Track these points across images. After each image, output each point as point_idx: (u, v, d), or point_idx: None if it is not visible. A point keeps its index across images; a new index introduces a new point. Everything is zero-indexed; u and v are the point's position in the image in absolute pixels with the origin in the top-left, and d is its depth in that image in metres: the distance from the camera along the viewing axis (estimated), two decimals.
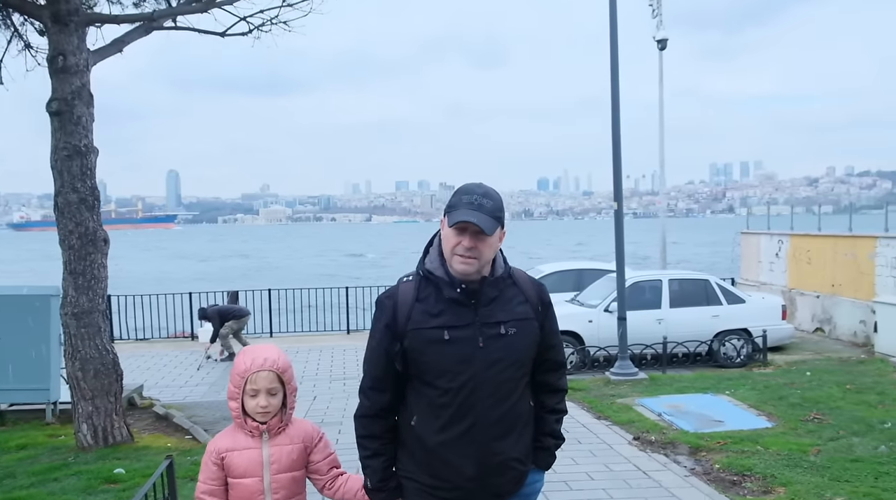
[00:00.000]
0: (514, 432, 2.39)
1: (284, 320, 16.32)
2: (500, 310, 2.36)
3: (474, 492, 2.37)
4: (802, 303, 13.94)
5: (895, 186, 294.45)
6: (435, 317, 2.32)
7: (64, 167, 6.97)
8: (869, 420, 6.99)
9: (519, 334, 2.36)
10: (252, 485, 2.58)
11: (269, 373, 2.57)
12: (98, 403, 7.04)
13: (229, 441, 2.63)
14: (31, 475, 6.24)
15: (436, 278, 2.36)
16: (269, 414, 2.60)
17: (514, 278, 2.44)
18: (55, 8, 6.89)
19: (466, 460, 2.33)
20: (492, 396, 2.33)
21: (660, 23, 16.27)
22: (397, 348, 2.36)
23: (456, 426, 2.33)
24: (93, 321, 7.08)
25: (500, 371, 2.33)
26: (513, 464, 2.39)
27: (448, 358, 2.31)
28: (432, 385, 2.34)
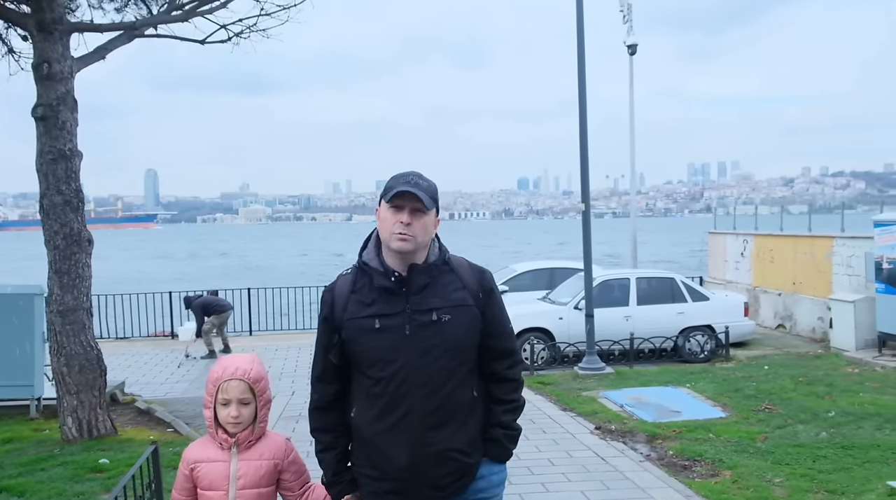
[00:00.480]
0: (451, 422, 2.35)
1: (264, 318, 16.58)
2: (433, 297, 2.34)
3: (411, 483, 2.35)
4: (765, 300, 14.48)
5: (868, 187, 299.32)
6: (368, 306, 2.35)
7: (49, 170, 7.22)
8: (815, 410, 7.45)
9: (454, 320, 2.33)
10: (216, 498, 2.54)
11: (241, 382, 2.54)
12: (83, 397, 7.30)
13: (200, 452, 2.62)
14: (19, 465, 6.49)
15: (370, 268, 2.38)
16: (241, 425, 2.56)
17: (451, 265, 2.43)
18: (40, 17, 7.14)
19: (400, 450, 2.32)
20: (425, 385, 2.31)
21: (630, 28, 16.74)
22: (335, 340, 2.39)
23: (389, 415, 2.33)
24: (77, 319, 7.34)
25: (433, 359, 2.31)
26: (452, 455, 2.35)
27: (378, 347, 2.32)
28: (366, 375, 2.36)
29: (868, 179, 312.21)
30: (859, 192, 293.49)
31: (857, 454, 5.86)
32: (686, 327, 11.99)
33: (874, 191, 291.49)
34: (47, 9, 7.13)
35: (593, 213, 11.01)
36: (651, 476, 5.78)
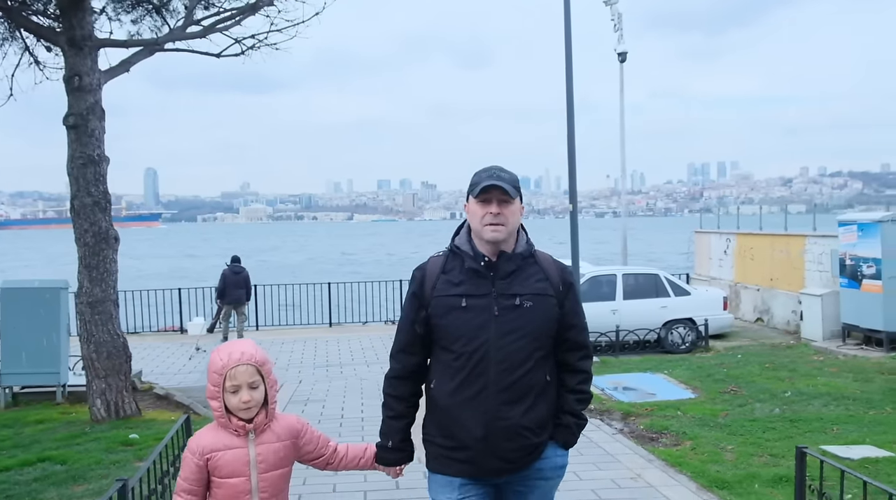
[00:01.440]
0: (524, 401, 2.48)
1: (270, 314, 17.29)
2: (517, 284, 2.51)
3: (483, 454, 2.48)
4: (746, 296, 15.23)
5: (865, 186, 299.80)
6: (456, 286, 2.53)
7: (79, 174, 7.96)
8: (774, 391, 8.21)
9: (534, 307, 2.49)
10: (239, 485, 2.53)
11: (248, 367, 2.52)
12: (110, 381, 8.04)
13: (214, 441, 2.55)
14: (55, 441, 7.23)
15: (462, 252, 2.57)
16: (253, 410, 2.54)
17: (537, 258, 2.60)
18: (71, 34, 7.88)
19: (475, 421, 2.46)
20: (503, 363, 2.46)
21: (621, 37, 17.47)
22: (422, 315, 2.56)
23: (468, 388, 2.47)
24: (105, 309, 8.08)
25: (513, 341, 2.47)
26: (522, 432, 2.48)
27: (464, 324, 2.48)
28: (449, 350, 2.51)
29: (865, 179, 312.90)
30: (857, 192, 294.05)
31: (801, 426, 6.61)
32: (669, 320, 12.74)
33: (871, 191, 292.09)
34: (77, 26, 7.88)
35: (594, 212, 11.88)
36: (621, 446, 6.52)
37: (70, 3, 7.71)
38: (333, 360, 12.27)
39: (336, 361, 12.14)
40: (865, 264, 10.85)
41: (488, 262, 2.51)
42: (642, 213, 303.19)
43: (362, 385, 9.59)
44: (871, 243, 10.68)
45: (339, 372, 10.90)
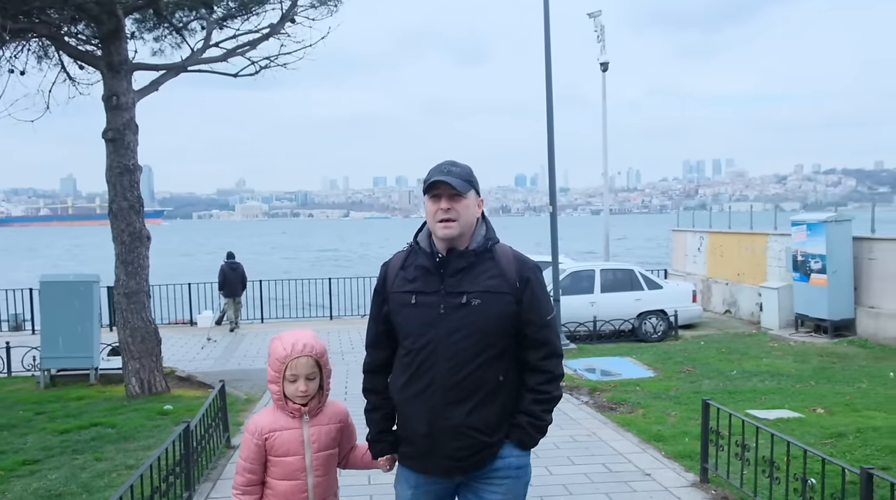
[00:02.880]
0: (469, 400, 2.44)
1: (274, 307, 18.42)
2: (466, 281, 2.47)
3: (428, 451, 2.50)
4: (716, 289, 16.45)
5: (859, 184, 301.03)
6: (410, 283, 2.53)
7: (117, 181, 9.13)
8: (723, 370, 9.42)
9: (483, 305, 2.44)
10: (295, 463, 2.66)
11: (309, 359, 2.65)
12: (143, 361, 9.22)
13: (271, 422, 2.70)
14: (100, 411, 8.39)
15: (419, 248, 2.57)
16: (308, 397, 2.68)
17: (494, 253, 2.53)
18: (109, 60, 9.04)
19: (420, 417, 2.48)
20: (450, 361, 2.43)
21: (603, 48, 18.61)
22: (384, 310, 2.60)
23: (415, 384, 2.48)
24: (139, 299, 9.25)
25: (460, 339, 2.43)
26: (467, 431, 2.44)
27: (414, 320, 2.49)
28: (402, 345, 2.55)
29: (859, 177, 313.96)
30: (850, 189, 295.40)
31: (737, 397, 7.80)
32: (642, 311, 13.93)
33: (865, 188, 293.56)
34: (115, 53, 9.04)
35: (590, 209, 12.92)
36: (584, 413, 7.71)
37: (109, 33, 8.87)
38: (335, 348, 13.40)
39: (337, 349, 13.27)
40: (813, 260, 12.07)
41: (441, 259, 2.51)
42: (637, 210, 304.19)
43: (360, 369, 10.76)
44: (818, 241, 11.90)
45: (340, 358, 12.04)
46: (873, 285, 11.73)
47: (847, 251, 11.79)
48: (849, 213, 13.97)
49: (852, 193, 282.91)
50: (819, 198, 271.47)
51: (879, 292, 11.64)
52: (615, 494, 5.11)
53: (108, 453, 6.57)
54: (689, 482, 5.32)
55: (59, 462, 6.32)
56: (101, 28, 8.90)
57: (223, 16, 10.84)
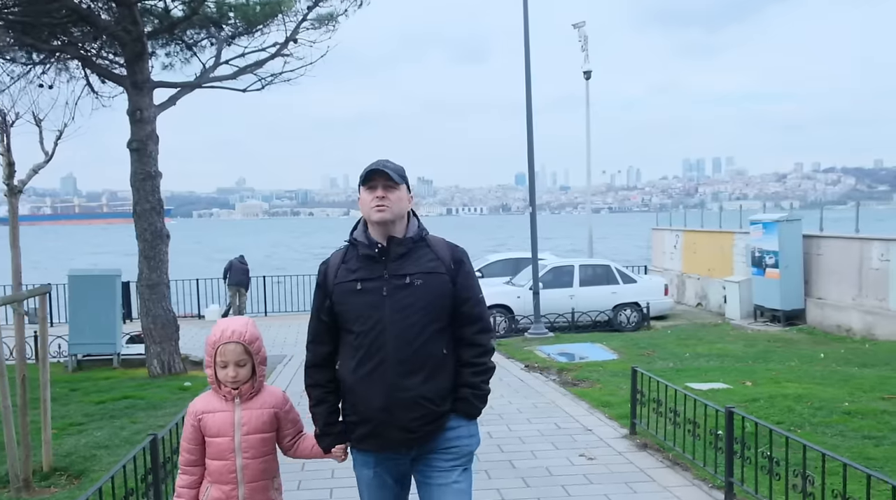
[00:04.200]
0: (421, 372, 2.64)
1: (277, 302, 19.57)
2: (408, 264, 2.70)
3: (385, 424, 2.65)
4: (690, 284, 17.64)
5: (858, 182, 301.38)
6: (353, 272, 2.72)
7: (140, 186, 10.31)
8: (678, 353, 10.59)
9: (425, 284, 2.68)
10: (224, 444, 2.78)
11: (237, 345, 2.74)
12: (164, 345, 10.41)
13: (205, 405, 2.84)
14: (128, 387, 9.57)
15: (358, 242, 2.77)
16: (239, 382, 2.78)
17: (428, 241, 2.79)
18: (134, 78, 10.22)
19: (376, 393, 2.63)
20: (398, 337, 2.63)
21: (586, 57, 19.78)
22: (327, 304, 2.75)
23: (367, 363, 2.65)
24: (160, 291, 10.43)
25: (407, 316, 2.64)
26: (420, 401, 2.64)
27: (360, 305, 2.67)
28: (350, 331, 2.70)
29: (858, 175, 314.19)
30: (850, 187, 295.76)
31: (683, 374, 8.95)
32: (618, 303, 15.11)
33: (864, 187, 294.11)
34: (139, 72, 10.22)
35: (591, 208, 13.95)
36: (549, 388, 8.89)
37: (134, 56, 10.06)
38: None
39: None
40: (768, 256, 13.26)
41: (381, 248, 2.71)
42: (637, 208, 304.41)
43: None
44: (772, 239, 13.09)
45: None
46: (821, 279, 12.93)
47: (797, 248, 12.99)
48: (845, 210, 15.05)
49: (851, 191, 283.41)
50: (819, 196, 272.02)
51: (825, 285, 12.84)
52: (560, 443, 6.30)
53: (141, 418, 7.77)
54: (622, 435, 6.51)
55: (101, 425, 7.52)
56: (127, 51, 10.08)
57: (231, 34, 12.04)
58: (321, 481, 5.42)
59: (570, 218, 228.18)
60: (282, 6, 11.72)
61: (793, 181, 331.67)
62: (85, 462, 6.15)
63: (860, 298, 12.18)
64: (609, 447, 6.19)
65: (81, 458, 6.26)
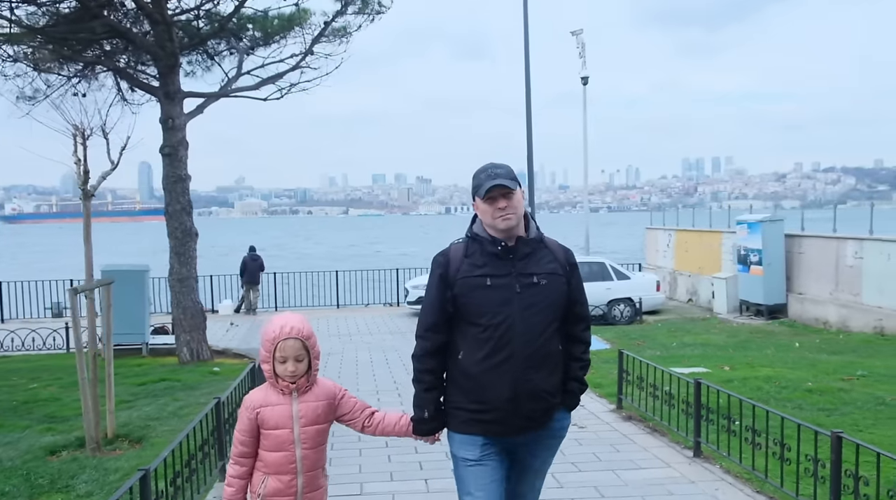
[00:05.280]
0: (544, 367, 2.81)
1: (286, 297, 20.44)
2: (533, 264, 2.84)
3: (511, 413, 2.79)
4: (681, 281, 18.56)
5: (858, 182, 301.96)
6: (479, 268, 2.83)
7: (171, 188, 11.20)
8: (666, 343, 11.50)
9: (549, 285, 2.83)
10: (283, 436, 2.88)
11: (296, 341, 2.86)
12: (192, 334, 11.30)
13: (263, 398, 2.93)
14: (161, 372, 10.45)
15: (480, 238, 2.87)
16: (297, 377, 2.89)
17: (546, 242, 2.93)
18: (166, 89, 11.11)
19: (504, 385, 2.76)
20: (525, 333, 2.77)
21: (584, 64, 20.62)
22: (448, 295, 2.85)
23: (495, 356, 2.77)
24: (189, 284, 11.33)
25: (533, 314, 2.79)
26: (542, 394, 2.81)
27: (490, 300, 2.79)
28: (476, 324, 2.80)
29: (858, 175, 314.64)
30: (850, 187, 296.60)
31: (668, 360, 9.85)
32: (612, 299, 15.99)
33: (864, 186, 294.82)
34: (171, 84, 11.11)
35: (589, 207, 14.77)
36: None
37: (168, 68, 10.95)
38: (343, 331, 15.43)
39: (346, 332, 15.30)
40: (752, 254, 14.19)
41: (506, 246, 2.83)
42: (636, 208, 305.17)
43: (368, 346, 12.84)
44: (756, 238, 14.01)
45: (349, 340, 14.07)
46: (801, 275, 13.86)
47: (780, 246, 13.91)
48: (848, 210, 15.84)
49: (851, 191, 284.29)
50: (818, 196, 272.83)
51: (805, 281, 13.77)
52: None
53: (181, 396, 8.66)
54: (609, 409, 7.42)
55: (147, 402, 8.42)
56: (160, 65, 10.97)
57: (251, 45, 12.93)
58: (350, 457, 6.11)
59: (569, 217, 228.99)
60: (298, 20, 12.62)
61: (792, 181, 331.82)
62: (142, 430, 7.06)
63: (836, 292, 13.10)
64: (598, 418, 7.10)
65: (138, 427, 7.16)
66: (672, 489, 5.08)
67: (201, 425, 4.95)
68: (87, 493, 5.36)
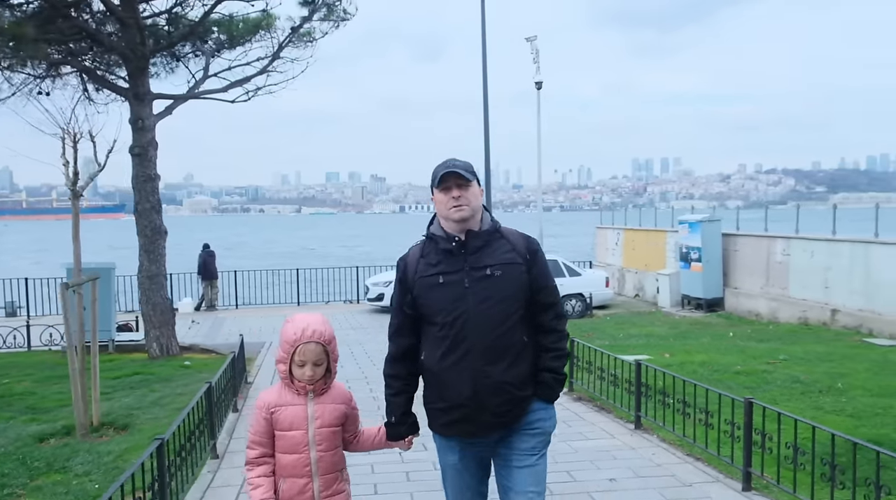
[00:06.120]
0: (504, 359, 2.76)
1: (248, 295, 20.73)
2: (486, 256, 2.81)
3: (476, 410, 2.78)
4: (629, 277, 19.56)
5: (798, 183, 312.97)
6: (434, 266, 2.84)
7: (141, 187, 11.54)
8: (614, 335, 12.34)
9: (504, 275, 2.79)
10: (297, 437, 2.81)
11: (317, 345, 2.78)
12: (162, 330, 11.66)
13: (277, 398, 2.85)
14: (134, 367, 10.79)
15: (436, 237, 2.88)
16: (315, 380, 2.83)
17: (502, 232, 2.91)
18: (136, 90, 11.45)
19: (463, 382, 2.76)
20: (481, 327, 2.75)
21: (538, 69, 21.44)
22: (408, 298, 2.88)
23: (453, 353, 2.78)
24: (158, 281, 11.68)
25: (489, 306, 2.76)
26: (504, 387, 2.76)
27: (444, 298, 2.79)
28: (434, 323, 2.82)
29: (798, 177, 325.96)
30: (790, 188, 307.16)
31: (615, 349, 10.56)
32: (564, 294, 16.79)
33: (803, 188, 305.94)
34: (140, 85, 11.45)
35: (543, 207, 15.47)
36: None
37: (138, 70, 11.29)
38: None
39: None
40: (693, 252, 15.19)
41: (459, 241, 2.81)
42: (588, 207, 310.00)
43: None
44: (696, 237, 15.02)
45: None
46: (736, 271, 14.92)
47: (717, 245, 14.95)
48: (788, 210, 16.70)
49: (791, 192, 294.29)
50: (760, 196, 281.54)
51: (740, 276, 14.83)
52: None
53: (157, 388, 9.07)
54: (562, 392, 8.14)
55: (125, 394, 8.81)
56: (130, 66, 11.30)
57: (216, 48, 13.30)
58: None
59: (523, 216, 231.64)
60: (263, 24, 13.06)
61: (736, 182, 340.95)
62: (126, 419, 7.49)
63: (767, 287, 14.18)
64: None
65: (121, 416, 7.59)
66: (616, 454, 5.81)
67: (198, 405, 5.47)
68: (85, 472, 5.80)
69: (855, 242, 12.38)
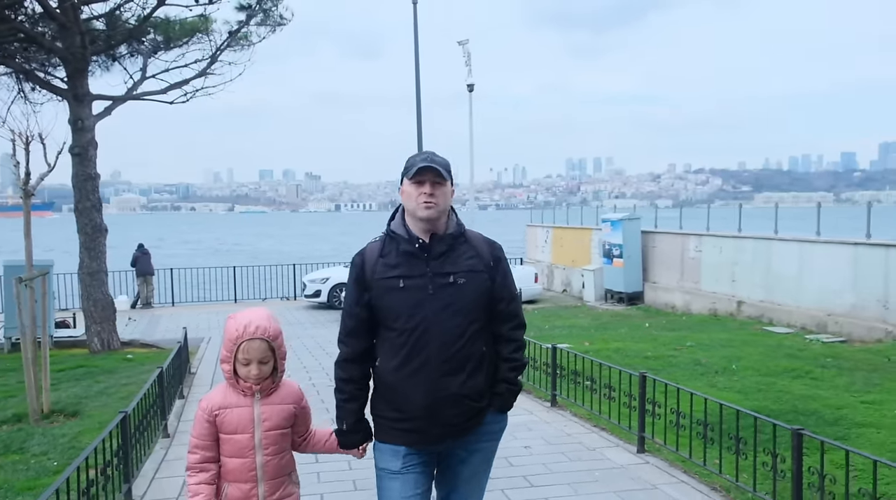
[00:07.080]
0: (463, 370, 2.65)
1: (185, 292, 20.81)
2: (450, 263, 2.69)
3: (428, 422, 2.65)
4: (557, 273, 20.56)
5: (724, 183, 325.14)
6: (393, 268, 2.69)
7: (81, 186, 11.73)
8: (541, 327, 13.18)
9: (467, 283, 2.68)
10: (243, 441, 2.69)
11: (262, 342, 2.64)
12: (103, 325, 11.87)
13: (222, 399, 2.72)
14: (77, 361, 10.99)
15: (397, 236, 2.73)
16: (262, 379, 2.69)
17: (467, 237, 2.78)
18: (75, 91, 11.63)
19: (418, 392, 2.63)
20: (441, 336, 2.62)
21: (469, 72, 22.21)
22: (365, 298, 2.71)
23: (411, 363, 2.64)
24: (99, 277, 11.89)
25: (451, 315, 2.64)
26: (462, 400, 2.65)
27: (403, 303, 2.65)
28: (391, 328, 2.68)
29: (724, 176, 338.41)
30: (717, 187, 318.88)
31: (540, 338, 11.41)
32: None
33: (729, 187, 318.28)
34: (80, 86, 11.64)
35: (478, 205, 16.11)
36: None
37: (77, 71, 11.47)
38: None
39: None
40: (615, 248, 16.23)
41: (422, 244, 2.68)
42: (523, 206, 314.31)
43: None
44: (618, 234, 16.06)
45: None
46: (655, 266, 16.03)
47: (637, 241, 16.02)
48: (717, 209, 17.65)
49: (718, 191, 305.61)
50: (689, 195, 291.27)
51: (658, 271, 15.95)
52: None
53: (102, 379, 9.38)
54: None
55: (70, 385, 9.10)
56: (70, 67, 11.48)
57: (152, 49, 13.53)
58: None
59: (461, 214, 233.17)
60: (200, 27, 13.37)
61: (666, 181, 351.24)
62: (75, 406, 7.83)
63: (681, 281, 15.32)
64: None
65: (70, 404, 7.93)
66: (533, 427, 6.57)
67: (151, 388, 5.95)
68: (42, 452, 6.19)
69: (758, 239, 13.57)
